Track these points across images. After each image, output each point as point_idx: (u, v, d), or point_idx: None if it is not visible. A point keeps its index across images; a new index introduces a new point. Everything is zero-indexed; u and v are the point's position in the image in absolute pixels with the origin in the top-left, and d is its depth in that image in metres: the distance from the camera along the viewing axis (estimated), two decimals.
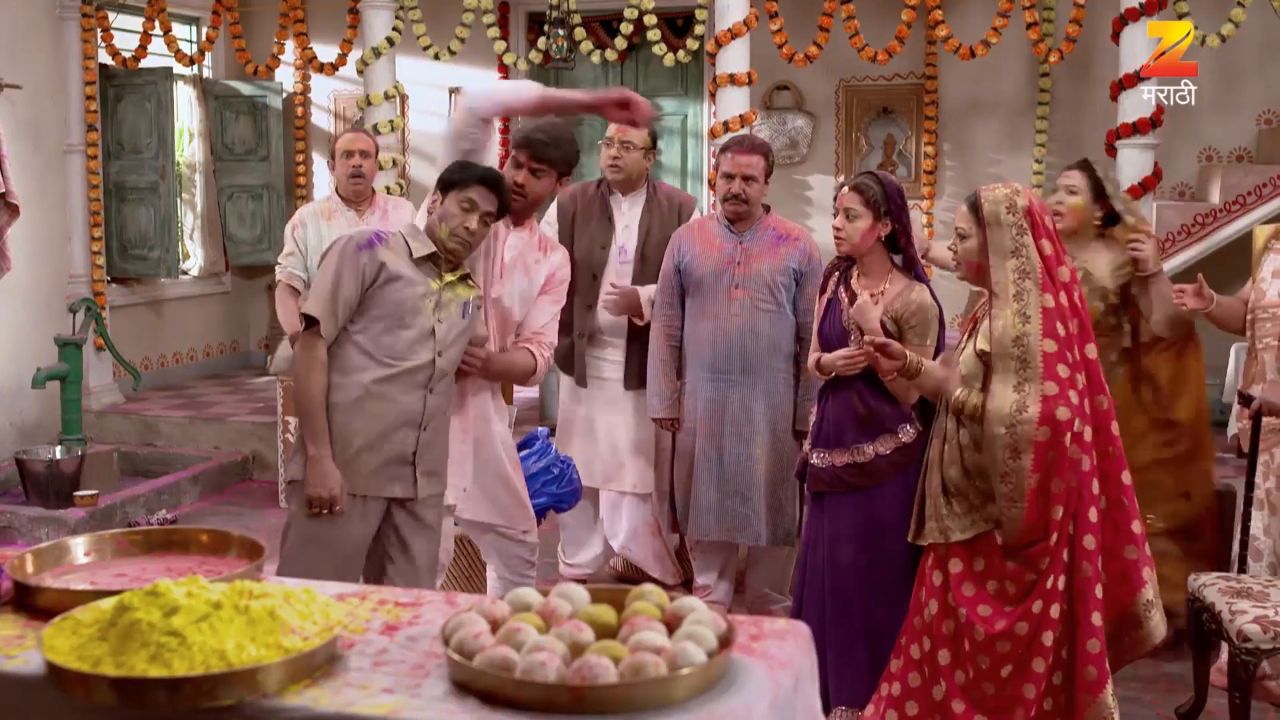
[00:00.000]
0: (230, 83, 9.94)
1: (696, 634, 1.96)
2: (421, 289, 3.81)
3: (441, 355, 3.87)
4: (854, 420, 4.20)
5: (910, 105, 9.37)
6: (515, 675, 1.87)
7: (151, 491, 7.47)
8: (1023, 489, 3.50)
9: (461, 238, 3.83)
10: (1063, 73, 8.93)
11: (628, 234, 5.48)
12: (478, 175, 3.86)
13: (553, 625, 2.04)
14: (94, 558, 2.53)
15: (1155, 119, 7.10)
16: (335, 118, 10.19)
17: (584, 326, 5.51)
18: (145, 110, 8.92)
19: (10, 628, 2.19)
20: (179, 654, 1.91)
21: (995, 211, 3.64)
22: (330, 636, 2.01)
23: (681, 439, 5.25)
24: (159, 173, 8.95)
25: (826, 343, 4.27)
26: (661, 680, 1.85)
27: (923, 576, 3.87)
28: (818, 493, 4.34)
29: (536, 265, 4.40)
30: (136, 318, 9.38)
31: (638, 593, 2.14)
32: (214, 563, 2.49)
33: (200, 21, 9.81)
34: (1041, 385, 3.50)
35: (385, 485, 3.86)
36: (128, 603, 1.99)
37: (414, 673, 1.99)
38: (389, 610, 2.27)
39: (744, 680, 1.95)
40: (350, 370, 3.78)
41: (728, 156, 5.08)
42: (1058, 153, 9.05)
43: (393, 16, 8.22)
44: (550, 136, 4.29)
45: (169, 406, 8.82)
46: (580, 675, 1.84)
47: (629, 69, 9.87)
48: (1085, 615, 3.60)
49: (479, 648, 1.94)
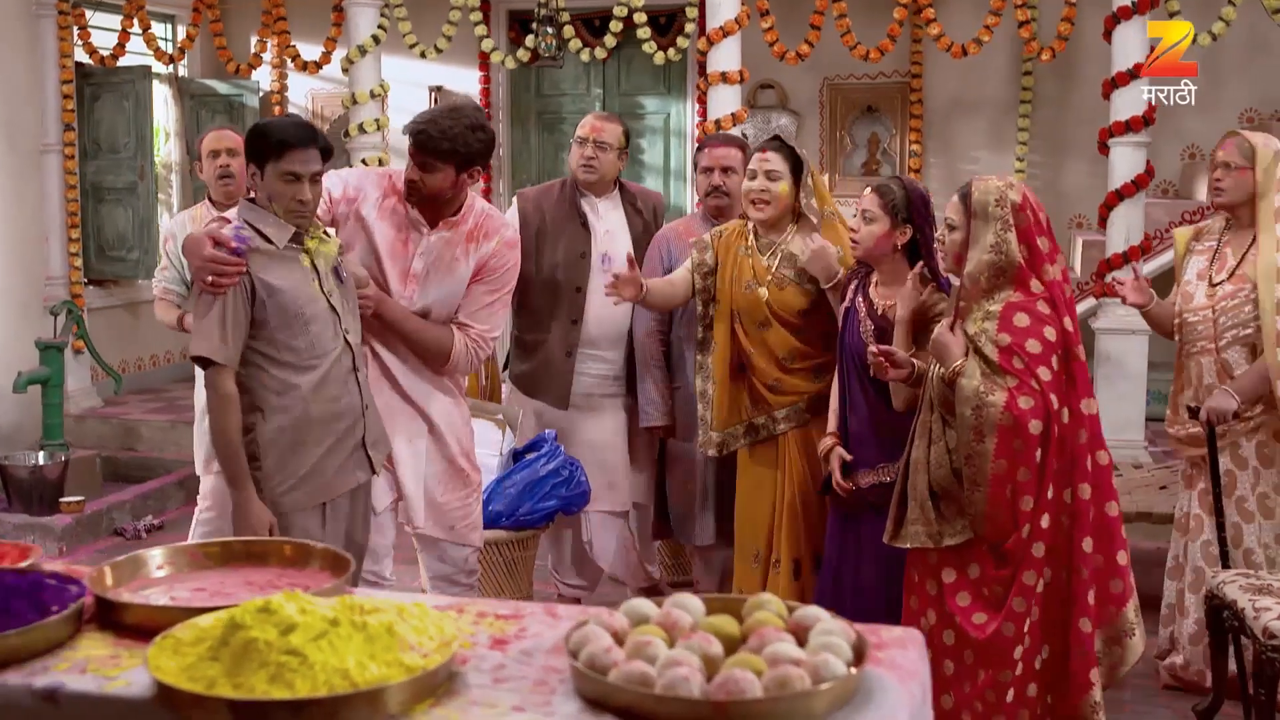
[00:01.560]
0: (206, 81, 9.81)
1: (833, 645, 1.91)
2: (298, 274, 3.61)
3: (350, 332, 3.73)
4: (875, 439, 4.11)
5: (895, 104, 9.38)
6: (656, 691, 1.80)
7: (137, 497, 7.36)
8: (985, 472, 3.50)
9: (299, 211, 3.57)
10: (1046, 71, 8.96)
11: (609, 239, 5.12)
12: (285, 139, 3.53)
13: (677, 638, 1.98)
14: (169, 571, 2.43)
15: (1148, 117, 7.12)
16: (314, 116, 10.07)
17: (571, 343, 5.10)
18: (123, 109, 8.76)
19: (100, 646, 2.11)
20: (300, 674, 1.83)
21: (984, 202, 3.61)
22: (451, 653, 1.93)
23: (677, 445, 5.13)
24: (137, 173, 8.80)
25: (847, 353, 4.17)
26: (806, 694, 1.80)
27: (911, 585, 3.84)
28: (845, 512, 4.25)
29: (462, 259, 4.17)
30: (114, 320, 9.22)
31: (756, 602, 2.08)
32: (294, 575, 2.41)
33: (177, 20, 9.68)
34: (1004, 378, 3.50)
35: (347, 479, 3.78)
36: (240, 620, 1.91)
37: (538, 689, 1.93)
38: (490, 623, 2.20)
39: (880, 693, 1.90)
40: (282, 389, 3.59)
41: (705, 152, 5.02)
42: (1041, 151, 9.10)
43: (378, 14, 8.12)
44: (440, 129, 3.97)
45: (149, 410, 8.68)
46: (725, 690, 1.78)
47: (610, 68, 9.82)
48: (1075, 620, 3.60)
49: (611, 662, 1.87)
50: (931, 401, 3.71)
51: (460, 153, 4.00)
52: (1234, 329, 4.40)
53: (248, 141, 3.62)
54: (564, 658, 2.03)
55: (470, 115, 4.07)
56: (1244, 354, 4.39)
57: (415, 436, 4.28)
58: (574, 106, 9.99)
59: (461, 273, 4.17)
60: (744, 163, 5.01)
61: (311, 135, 3.59)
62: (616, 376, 5.21)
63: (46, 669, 2.02)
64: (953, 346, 3.61)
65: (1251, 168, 4.39)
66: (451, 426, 4.35)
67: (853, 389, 4.16)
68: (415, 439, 4.28)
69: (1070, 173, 9.05)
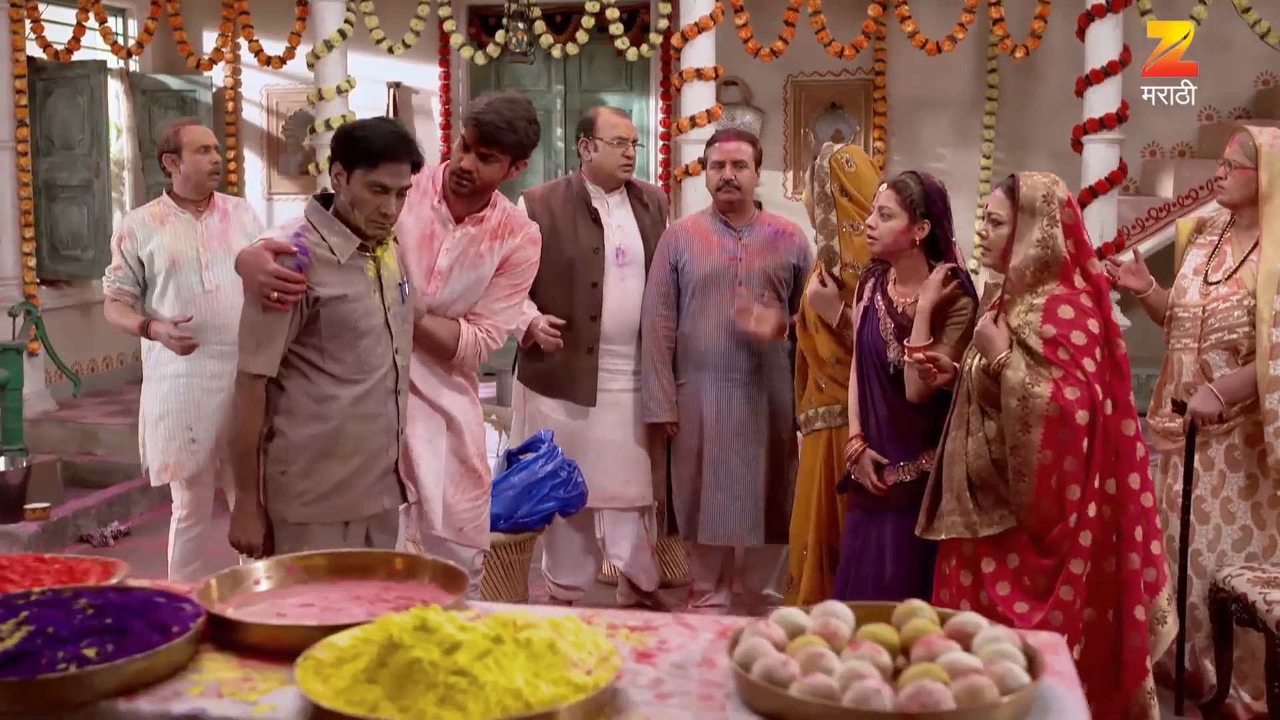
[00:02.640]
0: (159, 76, 9.57)
1: (1009, 653, 1.87)
2: (361, 285, 3.51)
3: (399, 353, 3.64)
4: (896, 437, 4.10)
5: (859, 101, 9.40)
6: (845, 704, 1.75)
7: (102, 503, 7.18)
8: (1030, 463, 3.51)
9: (380, 223, 3.47)
10: (1010, 69, 9.02)
11: (622, 234, 5.11)
12: (382, 151, 3.41)
13: (840, 648, 1.93)
14: (270, 585, 2.33)
15: (1121, 114, 7.20)
16: (269, 113, 9.89)
17: (591, 339, 5.07)
18: (77, 105, 8.54)
19: (225, 668, 2.00)
20: (471, 695, 1.75)
21: (1032, 198, 3.62)
22: (616, 670, 1.86)
23: (682, 442, 5.10)
24: (92, 170, 8.58)
25: (866, 351, 4.15)
26: (994, 705, 1.75)
27: (942, 577, 3.84)
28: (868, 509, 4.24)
29: (487, 254, 4.10)
30: (67, 321, 8.97)
31: (909, 609, 2.03)
32: (401, 589, 2.31)
33: (128, 14, 9.43)
34: (1049, 369, 3.51)
35: (374, 501, 3.67)
36: (398, 640, 1.82)
37: (706, 704, 1.86)
38: (626, 635, 2.12)
39: (1055, 700, 1.87)
40: (321, 398, 3.50)
41: (715, 146, 4.99)
42: (1006, 148, 9.17)
43: (344, 9, 7.98)
44: (505, 119, 3.93)
45: (106, 413, 8.46)
46: (919, 702, 1.73)
47: (573, 65, 9.74)
48: (1130, 606, 3.62)
49: (790, 676, 1.82)
50: (969, 393, 3.70)
51: (521, 144, 3.97)
52: (1220, 331, 4.36)
53: (337, 141, 3.47)
54: (717, 670, 1.98)
55: (525, 108, 4.04)
56: (1225, 357, 4.37)
57: (435, 435, 4.18)
58: (536, 104, 9.67)
59: (486, 269, 4.11)
60: (755, 157, 4.99)
61: (408, 149, 3.47)
62: (635, 371, 5.16)
63: (179, 694, 1.92)
64: (996, 339, 3.61)
65: (1255, 167, 4.34)
66: (468, 425, 4.27)
67: (872, 388, 4.14)
68: (435, 438, 4.18)
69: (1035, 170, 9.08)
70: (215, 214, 5.04)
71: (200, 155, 5.00)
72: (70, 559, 2.45)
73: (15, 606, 2.07)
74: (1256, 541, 4.39)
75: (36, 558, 2.44)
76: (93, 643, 1.95)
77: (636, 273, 5.14)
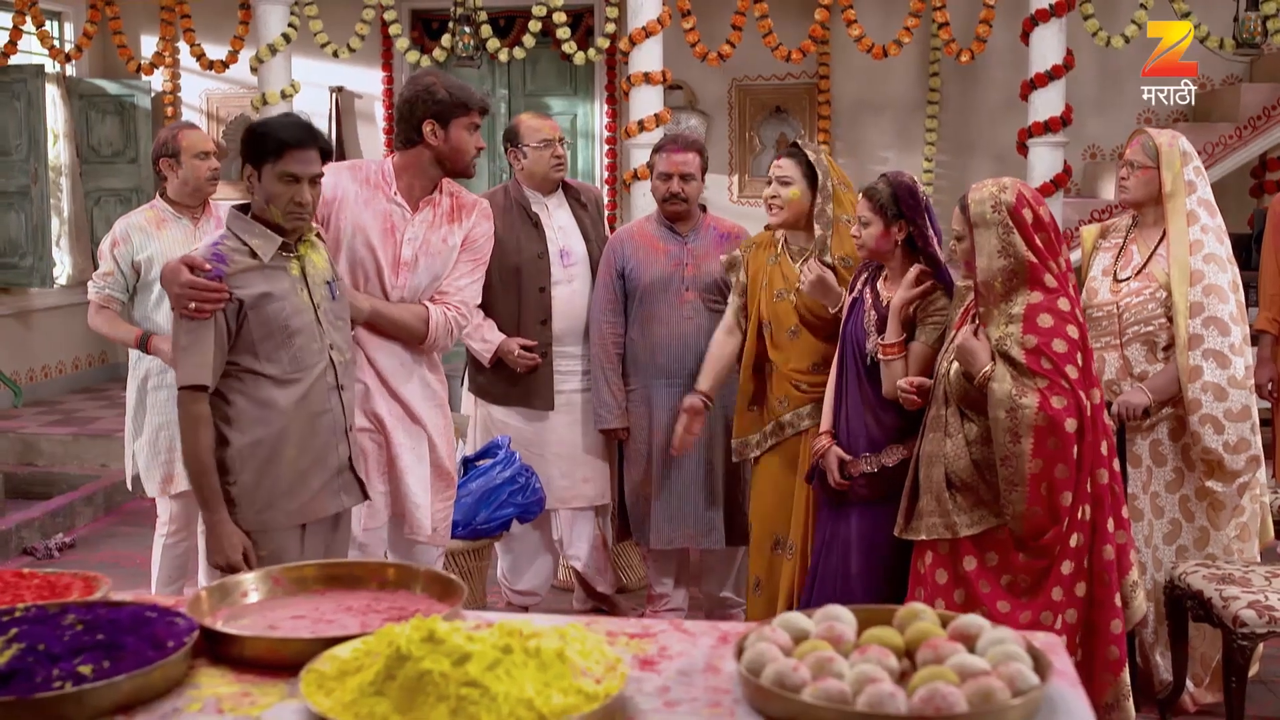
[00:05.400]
0: (96, 81, 9.42)
1: (1017, 655, 1.88)
2: (286, 283, 3.48)
3: (335, 349, 3.60)
4: (864, 430, 4.15)
5: (803, 104, 9.44)
6: (859, 708, 1.75)
7: (45, 515, 7.04)
8: (1022, 473, 3.53)
9: (297, 213, 3.44)
10: (952, 73, 9.11)
11: (564, 235, 5.12)
12: (286, 139, 3.40)
13: (848, 652, 1.93)
14: (259, 596, 2.29)
15: (1065, 118, 7.28)
16: (208, 118, 9.76)
17: (544, 344, 5.06)
18: (14, 110, 8.38)
19: (222, 683, 1.97)
20: (484, 706, 1.73)
21: (981, 211, 3.64)
22: (624, 678, 1.85)
23: (633, 447, 5.10)
24: (30, 176, 8.43)
25: (848, 342, 4.20)
26: (1007, 707, 1.76)
27: (918, 576, 3.86)
28: (832, 502, 4.29)
29: (449, 238, 4.14)
30: (6, 330, 8.82)
31: (910, 612, 2.04)
32: (392, 599, 2.28)
33: (64, 17, 9.27)
34: (1033, 380, 3.54)
35: (333, 501, 3.64)
36: (406, 651, 1.80)
37: (716, 711, 1.85)
38: (626, 642, 2.11)
39: (1062, 701, 1.88)
40: (260, 403, 3.46)
41: (663, 156, 4.97)
42: (948, 151, 9.25)
43: (288, 12, 7.89)
44: (471, 89, 4.18)
45: (47, 423, 8.31)
46: (934, 706, 1.73)
47: (516, 69, 9.70)
48: (1108, 597, 3.66)
49: (801, 681, 1.81)
50: (946, 396, 3.73)
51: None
52: (1137, 325, 4.43)
53: (244, 142, 3.45)
54: (722, 676, 1.97)
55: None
56: (1144, 351, 4.45)
57: (417, 443, 4.18)
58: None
59: (450, 253, 4.14)
60: (702, 168, 4.99)
61: (312, 135, 3.46)
62: (586, 371, 5.17)
63: (178, 710, 1.88)
64: (979, 352, 3.63)
65: (1156, 167, 4.42)
66: (439, 430, 4.27)
67: (849, 378, 4.19)
68: (418, 446, 4.18)
69: (977, 173, 9.17)
70: (211, 220, 5.01)
71: (199, 161, 4.97)
72: (50, 573, 2.40)
73: (2, 624, 2.02)
74: (1187, 534, 4.45)
75: (15, 573, 2.39)
76: (87, 659, 1.90)
77: (582, 272, 5.14)
